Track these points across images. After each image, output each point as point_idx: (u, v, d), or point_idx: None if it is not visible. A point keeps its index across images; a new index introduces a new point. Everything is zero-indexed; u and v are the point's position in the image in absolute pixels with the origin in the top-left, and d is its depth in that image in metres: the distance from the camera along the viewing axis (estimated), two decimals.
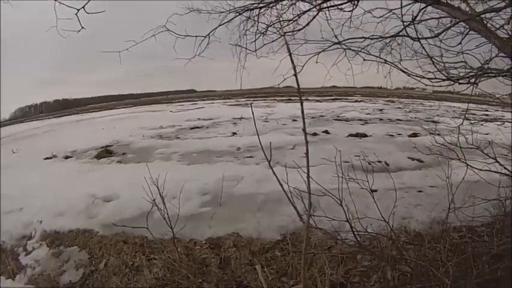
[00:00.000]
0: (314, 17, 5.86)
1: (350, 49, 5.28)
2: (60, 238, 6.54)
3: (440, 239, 5.20)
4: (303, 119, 2.80)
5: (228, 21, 6.28)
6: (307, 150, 2.87)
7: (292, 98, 37.85)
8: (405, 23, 4.84)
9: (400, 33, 5.15)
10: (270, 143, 3.05)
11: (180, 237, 5.71)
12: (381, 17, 5.44)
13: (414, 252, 4.91)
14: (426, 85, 4.92)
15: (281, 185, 3.12)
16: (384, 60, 5.17)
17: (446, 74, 4.82)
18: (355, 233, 3.82)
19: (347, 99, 37.57)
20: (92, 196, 7.78)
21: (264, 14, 6.25)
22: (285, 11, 6.21)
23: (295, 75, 2.82)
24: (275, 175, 3.09)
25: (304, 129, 2.85)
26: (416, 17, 4.79)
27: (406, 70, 4.97)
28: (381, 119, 19.88)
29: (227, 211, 6.76)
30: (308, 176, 2.89)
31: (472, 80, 4.76)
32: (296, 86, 2.95)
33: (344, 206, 3.61)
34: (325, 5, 5.70)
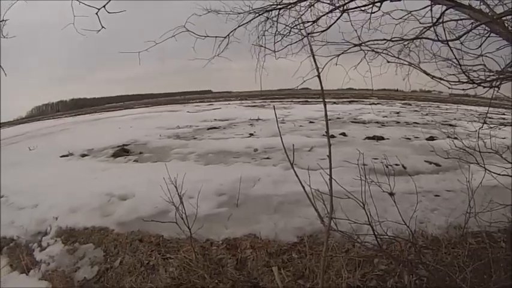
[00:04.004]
0: (338, 18, 5.82)
1: (373, 51, 5.23)
2: (75, 235, 6.59)
3: (457, 244, 5.17)
4: (326, 121, 2.79)
5: (247, 22, 6.27)
6: (329, 152, 2.85)
7: (309, 100, 37.87)
8: (428, 25, 4.81)
9: (422, 35, 5.11)
10: (293, 145, 3.04)
11: (197, 237, 5.71)
12: (400, 18, 5.40)
13: (432, 257, 4.87)
14: (448, 88, 4.84)
15: (303, 187, 3.10)
16: (408, 62, 5.11)
17: (468, 76, 4.75)
18: (376, 236, 3.78)
19: (363, 101, 37.43)
20: (108, 194, 7.83)
21: (282, 15, 6.23)
22: (303, 12, 6.20)
23: (319, 76, 2.79)
24: (297, 177, 3.07)
25: (327, 132, 2.84)
26: (439, 18, 4.74)
27: (428, 73, 4.91)
28: (397, 122, 19.72)
29: (244, 212, 6.72)
30: (331, 178, 2.88)
31: (494, 83, 4.68)
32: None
33: (367, 209, 3.57)
34: (347, 6, 5.66)
